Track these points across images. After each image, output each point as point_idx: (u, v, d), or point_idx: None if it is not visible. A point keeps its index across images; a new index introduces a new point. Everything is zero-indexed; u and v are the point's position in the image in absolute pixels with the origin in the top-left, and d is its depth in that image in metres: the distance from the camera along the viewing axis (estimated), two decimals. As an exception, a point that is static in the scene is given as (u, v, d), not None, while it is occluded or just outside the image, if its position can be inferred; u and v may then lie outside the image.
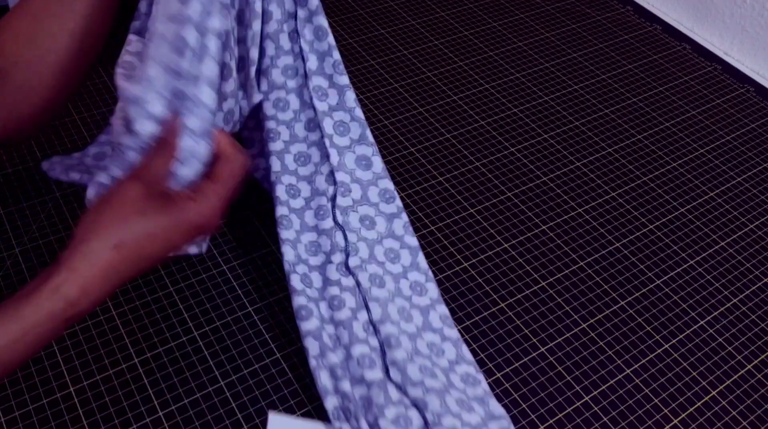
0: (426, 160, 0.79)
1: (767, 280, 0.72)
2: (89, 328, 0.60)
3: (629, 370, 0.63)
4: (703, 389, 0.62)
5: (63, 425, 0.54)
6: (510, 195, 0.77)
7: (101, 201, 0.49)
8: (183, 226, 0.48)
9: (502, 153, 0.81)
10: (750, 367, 0.64)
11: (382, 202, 0.67)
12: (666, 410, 0.60)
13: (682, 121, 0.90)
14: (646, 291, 0.69)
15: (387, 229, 0.66)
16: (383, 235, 0.66)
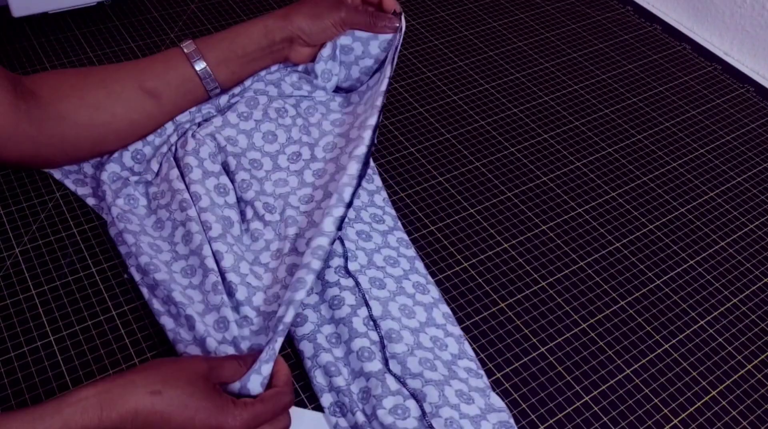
0: (426, 160, 0.79)
1: (767, 280, 0.72)
2: (89, 328, 0.60)
3: (629, 370, 0.62)
4: (703, 389, 0.62)
5: (63, 425, 0.54)
6: (510, 195, 0.77)
7: (167, 360, 0.51)
8: (213, 422, 0.49)
9: (502, 153, 0.81)
10: (750, 367, 0.64)
11: (373, 222, 0.68)
12: (666, 410, 0.60)
13: (682, 121, 0.90)
14: (646, 291, 0.69)
15: (383, 241, 0.67)
16: (380, 245, 0.66)
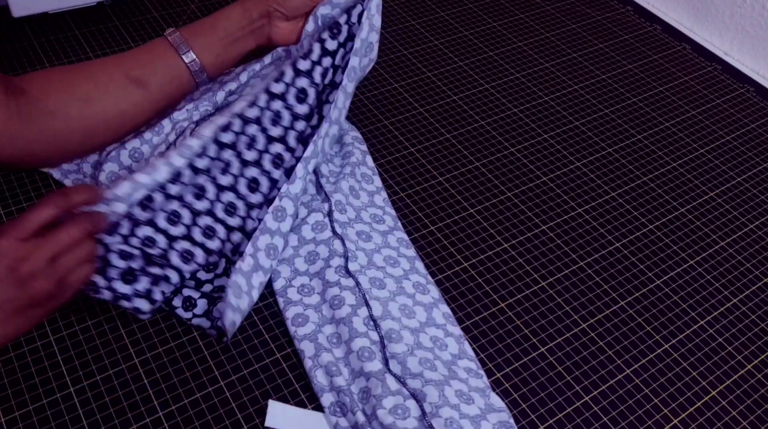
0: (426, 160, 0.79)
1: (767, 280, 0.72)
2: (89, 329, 0.60)
3: (629, 370, 0.62)
4: (703, 389, 0.62)
5: (63, 425, 0.54)
6: (510, 195, 0.77)
7: None
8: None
9: (502, 153, 0.81)
10: (750, 367, 0.64)
11: (374, 222, 0.69)
12: (666, 410, 0.60)
13: (682, 121, 0.90)
14: (646, 291, 0.69)
15: (383, 241, 0.67)
16: (380, 245, 0.67)
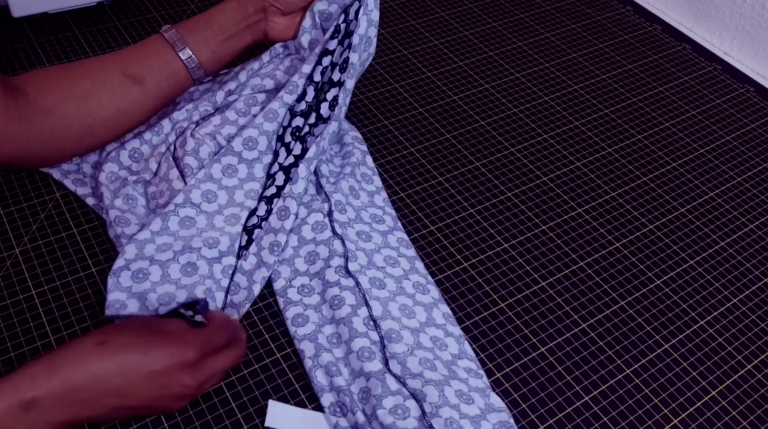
0: (426, 160, 0.79)
1: (767, 280, 0.72)
2: (89, 329, 0.60)
3: (629, 370, 0.62)
4: (703, 389, 0.62)
5: (63, 425, 0.54)
6: (510, 195, 0.77)
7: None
8: (166, 352, 0.49)
9: (502, 153, 0.81)
10: (750, 367, 0.64)
11: (374, 222, 0.69)
12: (666, 410, 0.60)
13: (682, 121, 0.90)
14: (646, 291, 0.69)
15: (383, 241, 0.67)
16: (380, 245, 0.67)
